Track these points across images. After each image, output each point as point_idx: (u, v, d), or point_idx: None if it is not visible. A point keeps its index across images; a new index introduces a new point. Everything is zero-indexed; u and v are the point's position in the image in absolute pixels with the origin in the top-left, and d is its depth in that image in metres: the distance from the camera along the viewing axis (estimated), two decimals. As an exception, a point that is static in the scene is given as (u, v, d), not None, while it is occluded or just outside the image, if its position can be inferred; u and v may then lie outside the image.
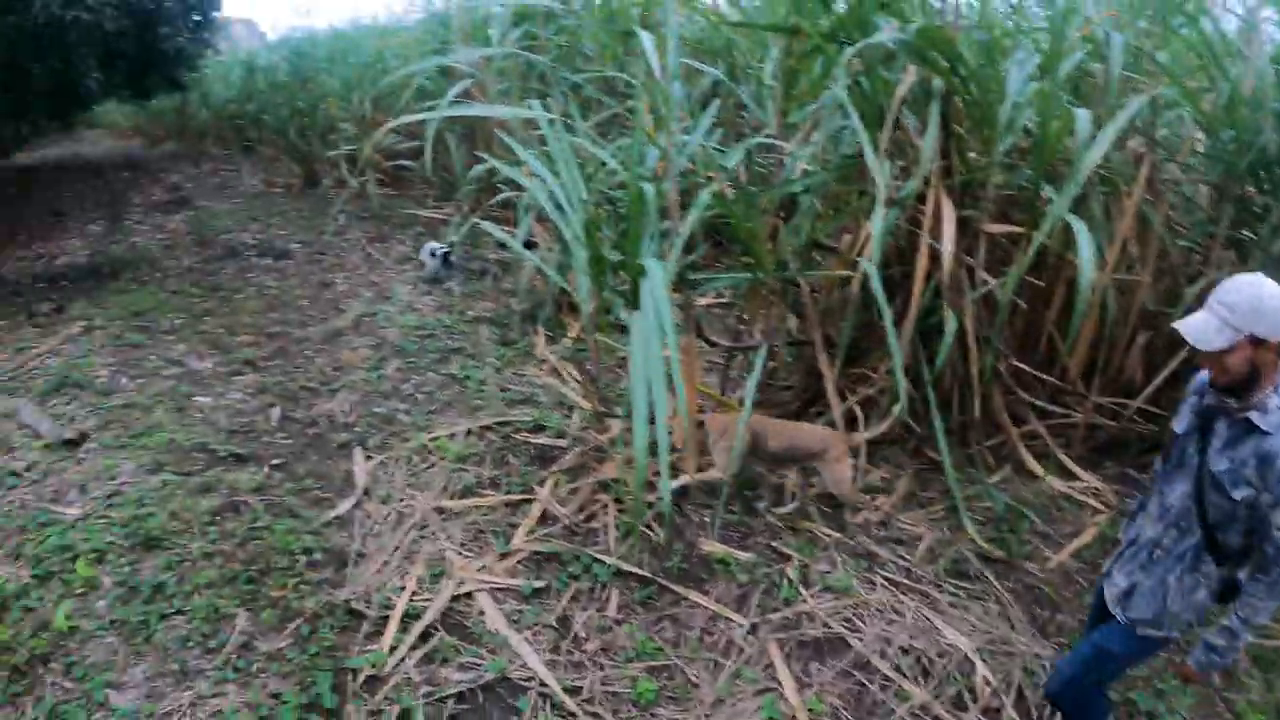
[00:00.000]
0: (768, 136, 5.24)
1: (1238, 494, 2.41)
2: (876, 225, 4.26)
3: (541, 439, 5.21)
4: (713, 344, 5.25)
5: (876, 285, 4.18)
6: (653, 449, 3.23)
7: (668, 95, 4.18)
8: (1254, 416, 2.37)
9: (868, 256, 4.31)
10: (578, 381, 5.81)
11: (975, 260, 4.78)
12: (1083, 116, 4.49)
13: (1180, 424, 2.67)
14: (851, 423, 4.82)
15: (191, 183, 15.13)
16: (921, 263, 4.51)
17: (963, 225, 4.63)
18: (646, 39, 4.34)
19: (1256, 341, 2.30)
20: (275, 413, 5.65)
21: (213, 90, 18.57)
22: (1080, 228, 4.37)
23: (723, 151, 5.26)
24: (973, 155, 4.95)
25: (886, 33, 4.39)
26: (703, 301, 6.99)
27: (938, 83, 4.59)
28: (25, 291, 8.63)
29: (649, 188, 4.13)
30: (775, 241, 4.98)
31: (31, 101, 10.53)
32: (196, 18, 13.43)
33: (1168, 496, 2.66)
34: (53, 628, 3.61)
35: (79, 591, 3.85)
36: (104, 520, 4.33)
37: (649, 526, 4.34)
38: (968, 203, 4.82)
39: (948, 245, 4.39)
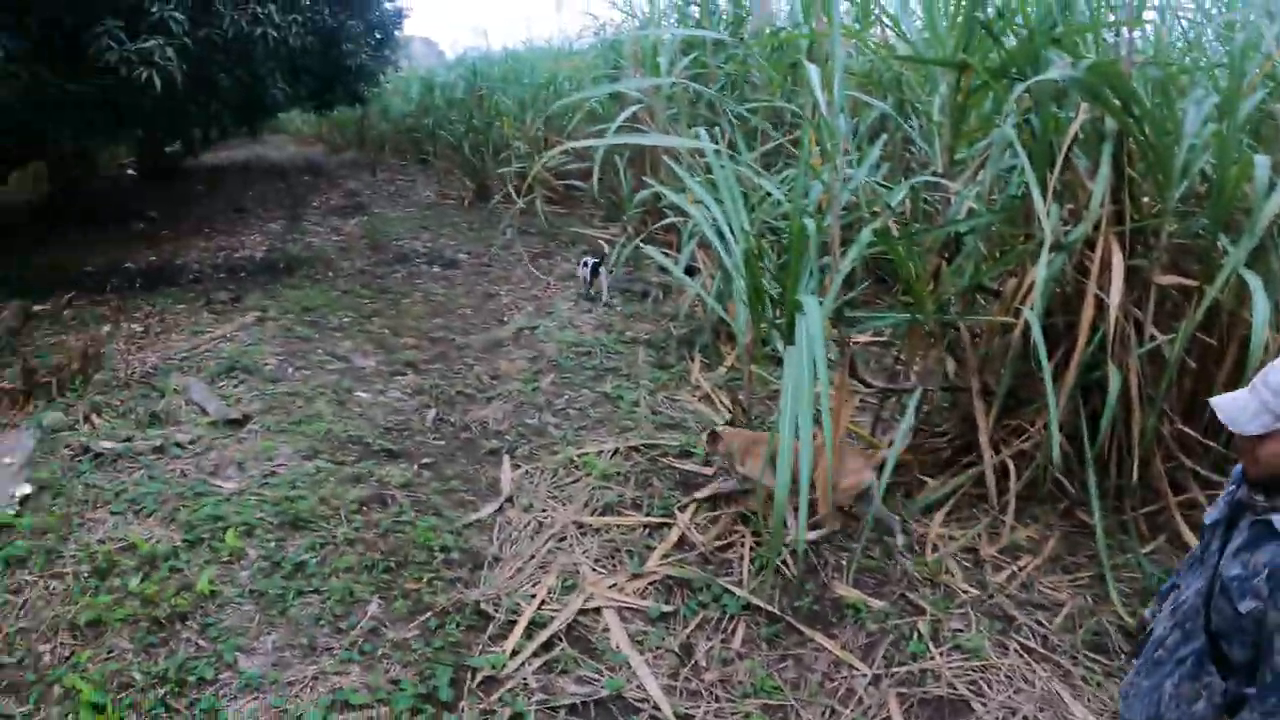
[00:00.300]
0: (934, 174, 5.10)
1: (1244, 606, 1.99)
2: (1041, 271, 4.05)
3: (687, 465, 5.21)
4: (867, 385, 5.12)
5: (1037, 334, 3.99)
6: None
7: (833, 129, 4.13)
8: (1276, 520, 1.97)
9: (1030, 304, 4.13)
10: (729, 410, 5.79)
11: (1144, 313, 4.48)
12: (1262, 163, 4.12)
13: (1210, 514, 2.31)
14: (1004, 474, 4.61)
15: (368, 190, 15.98)
16: (1087, 313, 4.27)
17: (1132, 275, 4.35)
18: (813, 71, 4.30)
19: None
20: (431, 414, 5.90)
21: (392, 104, 19.57)
22: (1256, 283, 4.02)
23: (888, 188, 5.17)
24: (1145, 200, 4.67)
25: (1057, 69, 4.19)
26: (860, 339, 6.87)
27: (1110, 123, 4.35)
28: (205, 280, 9.31)
29: (810, 222, 4.08)
30: (937, 282, 4.83)
31: (220, 111, 11.28)
32: (378, 35, 14.02)
33: (1183, 592, 2.29)
34: (195, 590, 3.86)
35: (224, 560, 4.12)
36: (256, 497, 4.62)
37: (784, 563, 4.27)
38: (1138, 251, 4.54)
39: (1115, 296, 4.14)
